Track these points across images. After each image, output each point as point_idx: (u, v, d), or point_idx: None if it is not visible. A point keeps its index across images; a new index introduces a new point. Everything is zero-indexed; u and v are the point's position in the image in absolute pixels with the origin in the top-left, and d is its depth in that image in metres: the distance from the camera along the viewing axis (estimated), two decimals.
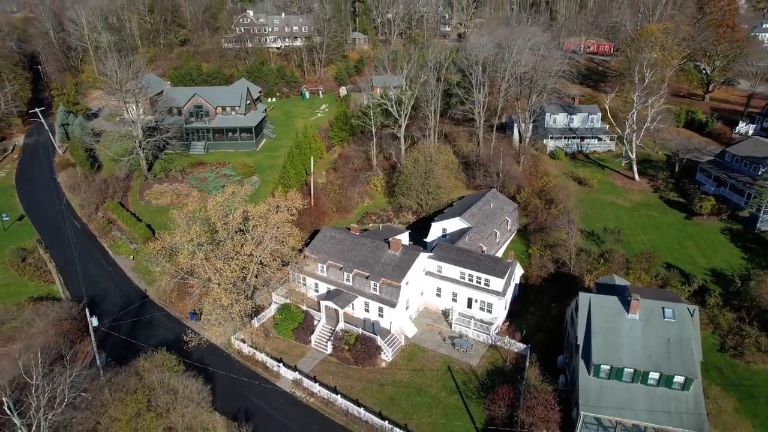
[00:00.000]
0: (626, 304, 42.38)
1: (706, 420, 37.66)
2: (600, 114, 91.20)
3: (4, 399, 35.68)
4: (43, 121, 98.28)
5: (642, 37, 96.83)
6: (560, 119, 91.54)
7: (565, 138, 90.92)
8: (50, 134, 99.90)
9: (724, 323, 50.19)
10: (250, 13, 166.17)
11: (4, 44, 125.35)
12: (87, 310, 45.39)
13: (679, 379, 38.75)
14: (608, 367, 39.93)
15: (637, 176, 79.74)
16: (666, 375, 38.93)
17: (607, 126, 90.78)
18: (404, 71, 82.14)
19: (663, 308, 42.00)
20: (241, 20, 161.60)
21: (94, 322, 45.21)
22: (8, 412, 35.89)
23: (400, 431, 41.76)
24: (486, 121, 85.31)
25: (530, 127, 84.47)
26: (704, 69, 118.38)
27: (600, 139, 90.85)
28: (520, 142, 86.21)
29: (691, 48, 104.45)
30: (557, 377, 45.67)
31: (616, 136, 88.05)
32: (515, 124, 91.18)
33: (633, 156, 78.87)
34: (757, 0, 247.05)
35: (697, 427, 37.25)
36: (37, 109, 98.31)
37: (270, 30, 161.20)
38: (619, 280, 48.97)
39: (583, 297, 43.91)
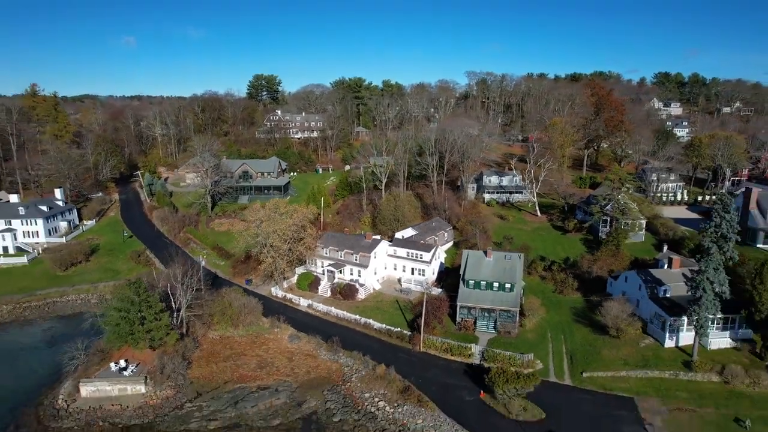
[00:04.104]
0: (486, 255, 79.82)
1: (519, 304, 73.65)
2: (521, 176, 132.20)
3: (170, 283, 72.99)
4: (141, 181, 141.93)
5: (551, 126, 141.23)
6: (494, 180, 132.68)
7: (497, 192, 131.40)
8: (140, 190, 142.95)
9: (559, 279, 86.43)
10: (279, 112, 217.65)
11: (105, 134, 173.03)
12: (202, 255, 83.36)
13: (508, 285, 75.14)
14: (473, 281, 76.51)
15: (539, 213, 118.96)
16: (501, 283, 75.39)
17: (528, 183, 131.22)
18: (384, 149, 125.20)
19: (505, 255, 79.55)
20: (271, 117, 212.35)
21: (203, 262, 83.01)
22: (170, 293, 72.98)
23: (366, 319, 77.60)
24: (442, 180, 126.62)
25: (471, 184, 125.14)
26: (616, 150, 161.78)
27: (522, 193, 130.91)
28: (464, 192, 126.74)
29: (589, 135, 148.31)
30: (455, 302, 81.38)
31: (533, 189, 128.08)
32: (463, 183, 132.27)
33: (535, 199, 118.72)
34: (693, 105, 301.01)
35: (515, 307, 73.14)
36: (138, 172, 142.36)
37: (293, 125, 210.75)
38: None
39: (464, 251, 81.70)
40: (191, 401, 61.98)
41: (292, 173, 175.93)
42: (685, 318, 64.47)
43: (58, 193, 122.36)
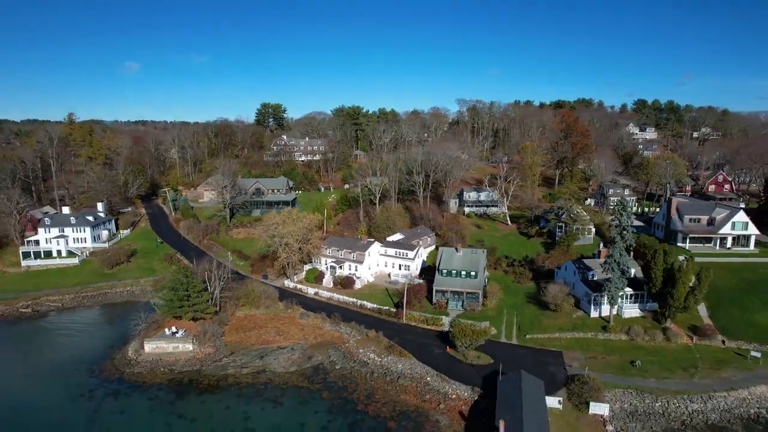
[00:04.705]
0: (457, 250, 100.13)
1: (482, 288, 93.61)
2: (495, 192, 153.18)
3: (206, 273, 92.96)
4: (168, 197, 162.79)
5: (523, 149, 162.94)
6: (473, 195, 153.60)
7: (476, 206, 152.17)
8: (163, 205, 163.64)
9: (518, 271, 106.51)
10: (284, 137, 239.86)
11: (132, 157, 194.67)
12: (229, 253, 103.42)
13: (473, 273, 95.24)
14: (446, 270, 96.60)
15: (509, 222, 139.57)
16: (468, 272, 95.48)
17: (500, 197, 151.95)
18: (378, 170, 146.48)
19: (472, 250, 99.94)
20: (278, 142, 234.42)
21: (230, 257, 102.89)
22: (206, 280, 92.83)
23: (361, 301, 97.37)
24: (427, 195, 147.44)
25: (454, 198, 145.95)
26: (586, 170, 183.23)
27: (496, 206, 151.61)
28: (446, 205, 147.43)
29: (558, 156, 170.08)
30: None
31: (504, 202, 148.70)
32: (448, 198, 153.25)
33: (506, 211, 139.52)
34: (668, 133, 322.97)
35: (479, 289, 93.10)
36: (165, 189, 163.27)
37: (298, 148, 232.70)
38: None
39: (440, 249, 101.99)
40: (227, 356, 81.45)
41: (297, 191, 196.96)
42: (605, 293, 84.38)
43: (100, 206, 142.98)
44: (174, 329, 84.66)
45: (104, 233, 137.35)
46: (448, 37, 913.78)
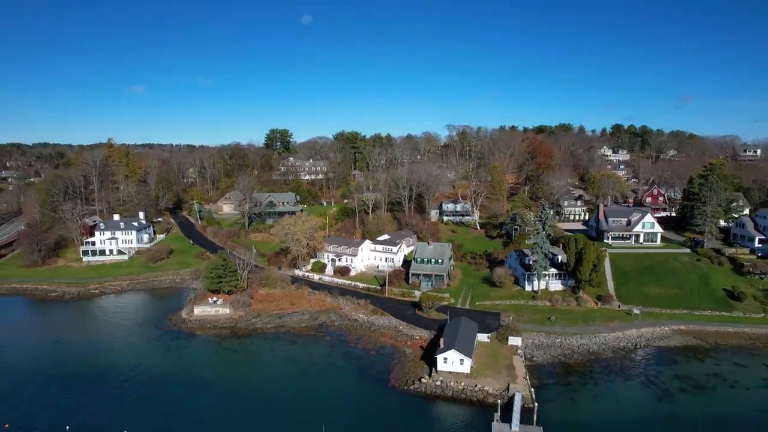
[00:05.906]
0: (428, 244, 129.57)
1: (447, 271, 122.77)
2: (469, 203, 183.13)
3: (236, 260, 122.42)
4: (195, 208, 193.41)
5: (493, 169, 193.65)
6: (450, 206, 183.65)
7: (452, 215, 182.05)
8: (188, 216, 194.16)
9: (479, 263, 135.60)
10: (291, 159, 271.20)
11: (161, 176, 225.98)
12: (253, 247, 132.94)
13: (440, 260, 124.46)
14: (419, 258, 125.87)
15: (478, 228, 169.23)
16: (436, 259, 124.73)
17: (470, 207, 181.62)
18: (371, 187, 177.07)
19: (440, 244, 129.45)
20: (285, 163, 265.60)
21: (254, 249, 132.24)
22: (237, 264, 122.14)
23: (354, 282, 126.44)
24: (411, 206, 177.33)
25: (435, 209, 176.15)
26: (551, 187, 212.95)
27: (470, 216, 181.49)
28: (428, 215, 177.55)
29: (523, 175, 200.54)
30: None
31: (474, 211, 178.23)
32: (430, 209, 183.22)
33: (476, 218, 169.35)
34: (638, 155, 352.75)
35: (444, 272, 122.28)
36: (194, 202, 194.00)
37: (303, 169, 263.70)
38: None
39: (417, 244, 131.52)
40: (255, 318, 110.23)
41: (303, 205, 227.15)
42: (534, 272, 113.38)
43: (141, 215, 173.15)
44: (215, 299, 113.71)
45: (146, 236, 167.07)
46: (444, 65, 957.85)
